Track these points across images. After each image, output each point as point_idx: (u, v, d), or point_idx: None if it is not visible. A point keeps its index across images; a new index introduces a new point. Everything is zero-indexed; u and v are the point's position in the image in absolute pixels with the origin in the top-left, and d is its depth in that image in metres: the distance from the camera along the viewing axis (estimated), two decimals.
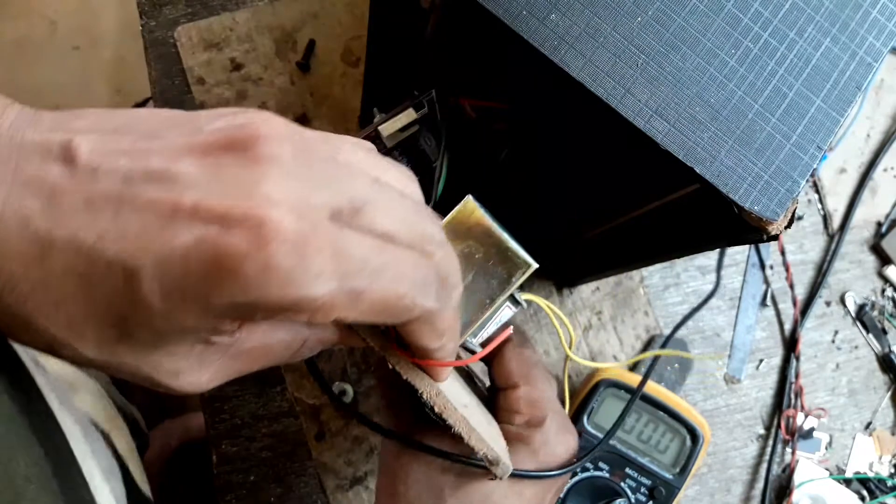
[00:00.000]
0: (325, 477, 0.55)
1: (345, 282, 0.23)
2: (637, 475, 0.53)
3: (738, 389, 0.61)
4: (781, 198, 0.30)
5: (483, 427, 0.35)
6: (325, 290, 0.23)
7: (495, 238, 0.35)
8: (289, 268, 0.22)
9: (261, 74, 0.59)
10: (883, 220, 0.64)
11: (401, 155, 0.39)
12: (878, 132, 0.65)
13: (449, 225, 0.35)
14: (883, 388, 0.62)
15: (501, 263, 0.35)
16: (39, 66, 1.38)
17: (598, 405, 0.54)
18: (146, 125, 0.24)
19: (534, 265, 0.36)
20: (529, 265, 0.36)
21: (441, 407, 0.32)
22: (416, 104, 0.37)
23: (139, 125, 0.24)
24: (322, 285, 0.22)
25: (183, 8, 0.59)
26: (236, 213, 0.21)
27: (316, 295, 0.22)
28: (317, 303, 0.23)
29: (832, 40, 0.31)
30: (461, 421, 0.32)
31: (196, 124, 0.24)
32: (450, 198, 0.37)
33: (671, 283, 0.61)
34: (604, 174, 0.38)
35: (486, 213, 0.35)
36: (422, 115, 0.37)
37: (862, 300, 0.63)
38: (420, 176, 0.39)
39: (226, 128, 0.23)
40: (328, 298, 0.23)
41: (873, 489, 0.59)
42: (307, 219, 0.22)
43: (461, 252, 0.35)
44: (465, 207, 0.35)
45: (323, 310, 0.23)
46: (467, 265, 0.35)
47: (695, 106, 0.30)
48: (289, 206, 0.22)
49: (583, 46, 0.29)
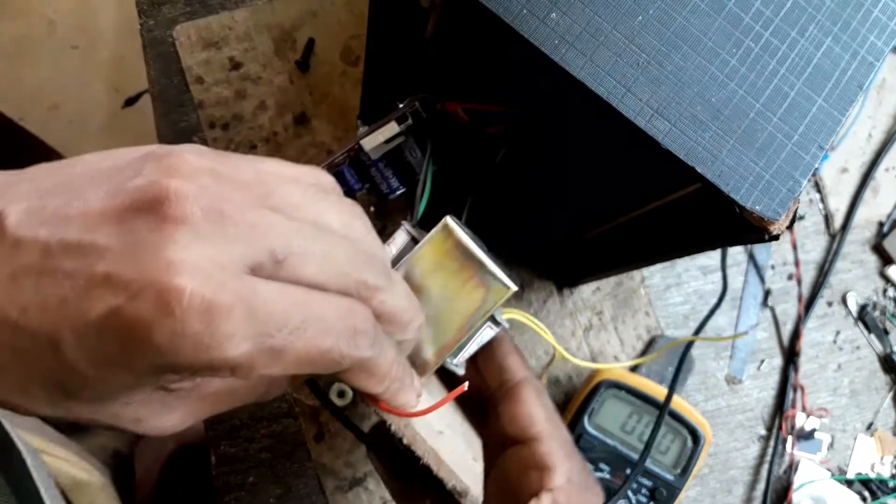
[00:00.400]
0: (324, 478, 0.55)
1: (261, 341, 0.23)
2: (638, 476, 0.53)
3: (740, 390, 0.60)
4: (783, 198, 0.30)
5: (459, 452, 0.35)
6: (239, 351, 0.23)
7: (474, 260, 0.34)
8: (196, 332, 0.22)
9: (260, 73, 0.58)
10: (885, 219, 0.64)
11: (386, 166, 0.38)
12: (880, 132, 0.65)
13: (427, 247, 0.34)
14: (885, 388, 0.62)
15: (480, 286, 0.35)
16: (38, 65, 1.38)
17: (598, 406, 0.54)
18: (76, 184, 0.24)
19: (512, 288, 0.35)
20: (508, 288, 0.35)
21: (410, 439, 0.31)
22: (399, 117, 0.36)
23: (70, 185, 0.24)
24: (234, 347, 0.22)
25: (182, 7, 0.59)
26: (142, 281, 0.22)
27: (228, 357, 0.22)
28: (231, 363, 0.23)
29: (834, 39, 0.31)
30: (429, 452, 0.32)
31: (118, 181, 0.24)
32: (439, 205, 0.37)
33: (672, 284, 0.61)
34: (604, 174, 0.38)
35: (464, 235, 0.34)
36: (405, 127, 0.37)
37: (864, 300, 0.63)
38: (406, 186, 0.39)
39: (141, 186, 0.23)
40: (244, 359, 0.23)
41: (875, 490, 0.59)
42: (215, 280, 0.22)
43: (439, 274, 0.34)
44: (443, 230, 0.34)
45: (241, 369, 0.23)
46: (445, 287, 0.35)
47: (696, 105, 0.29)
48: (193, 269, 0.22)
49: (583, 45, 0.29)
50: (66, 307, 0.22)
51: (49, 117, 1.37)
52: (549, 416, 0.41)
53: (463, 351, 0.36)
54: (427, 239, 0.34)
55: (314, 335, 0.24)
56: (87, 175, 0.25)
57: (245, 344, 0.23)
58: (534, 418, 0.41)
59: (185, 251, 0.22)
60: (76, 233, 0.23)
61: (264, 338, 0.23)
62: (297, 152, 0.58)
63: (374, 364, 0.27)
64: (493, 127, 0.37)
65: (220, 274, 0.22)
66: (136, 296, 0.22)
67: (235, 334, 0.22)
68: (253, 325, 0.23)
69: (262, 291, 0.23)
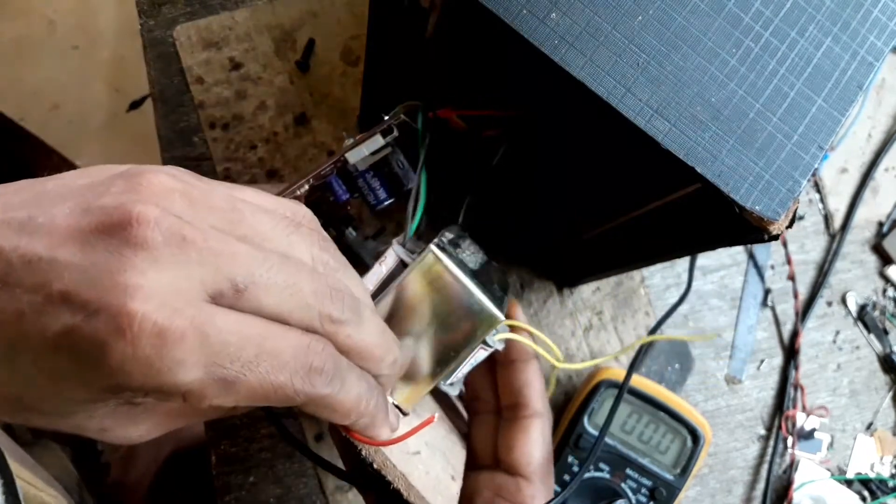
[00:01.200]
0: (324, 478, 0.55)
1: (213, 370, 0.23)
2: (638, 476, 0.53)
3: (739, 390, 0.61)
4: (783, 198, 0.30)
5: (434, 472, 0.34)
6: (189, 378, 0.23)
7: (460, 290, 0.34)
8: (146, 356, 0.22)
9: (260, 73, 0.58)
10: (884, 219, 0.64)
11: (373, 177, 0.38)
12: (880, 132, 0.65)
13: (413, 275, 0.34)
14: (884, 388, 0.62)
15: (466, 317, 0.34)
16: (39, 65, 1.38)
17: (598, 406, 0.54)
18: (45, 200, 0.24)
19: (501, 318, 0.34)
20: (495, 318, 0.34)
21: (379, 464, 0.31)
22: (384, 130, 0.36)
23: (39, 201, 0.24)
24: (184, 374, 0.23)
25: (182, 7, 0.59)
26: (98, 302, 0.22)
27: (177, 383, 0.23)
28: (181, 390, 0.23)
29: (833, 40, 0.31)
30: (399, 478, 0.32)
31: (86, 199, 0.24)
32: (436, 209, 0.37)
33: (672, 284, 0.61)
34: (604, 174, 0.38)
35: (450, 262, 0.34)
36: (391, 139, 0.37)
37: (863, 300, 0.63)
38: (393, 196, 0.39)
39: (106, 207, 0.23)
40: (194, 387, 0.23)
41: (874, 490, 0.59)
42: (169, 306, 0.22)
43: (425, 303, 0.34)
44: (427, 259, 0.34)
45: (192, 396, 0.23)
46: (433, 316, 0.34)
47: (696, 105, 0.29)
48: (148, 294, 0.22)
49: (583, 45, 0.29)
50: (23, 322, 0.22)
51: (49, 117, 1.37)
52: (547, 460, 0.41)
53: (457, 372, 0.36)
54: (412, 267, 0.34)
55: (268, 370, 0.24)
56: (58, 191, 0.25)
57: (195, 371, 0.23)
58: (533, 457, 0.40)
59: (141, 276, 0.22)
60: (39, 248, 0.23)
61: (216, 368, 0.23)
62: (298, 152, 0.58)
63: (333, 401, 0.27)
64: (491, 130, 0.37)
65: (175, 300, 0.23)
66: (91, 316, 0.22)
67: (185, 361, 0.23)
68: (205, 354, 0.23)
69: (219, 321, 0.23)
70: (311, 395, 0.26)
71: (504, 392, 0.43)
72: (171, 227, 0.23)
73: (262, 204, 0.27)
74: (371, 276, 0.34)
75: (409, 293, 0.34)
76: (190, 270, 0.23)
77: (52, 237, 0.23)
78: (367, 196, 0.39)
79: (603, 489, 0.53)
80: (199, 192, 0.25)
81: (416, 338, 0.34)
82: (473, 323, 0.34)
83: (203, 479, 0.55)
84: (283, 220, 0.27)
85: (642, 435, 0.54)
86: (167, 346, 0.22)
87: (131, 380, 0.22)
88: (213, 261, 0.24)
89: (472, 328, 0.34)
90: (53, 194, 0.25)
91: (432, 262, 0.34)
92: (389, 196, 0.38)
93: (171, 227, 0.23)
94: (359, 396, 0.28)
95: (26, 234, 0.23)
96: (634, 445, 0.54)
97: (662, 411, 0.54)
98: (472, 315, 0.34)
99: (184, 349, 0.22)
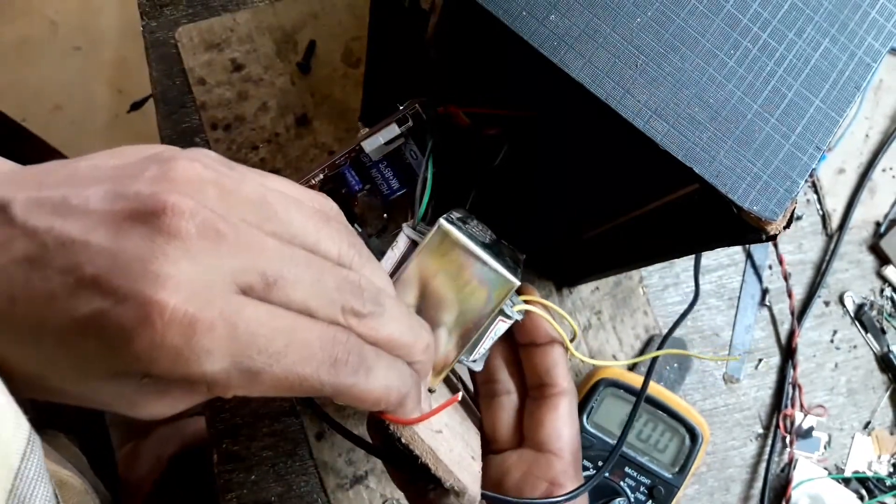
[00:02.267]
0: (325, 476, 0.55)
1: (239, 361, 0.23)
2: (636, 474, 0.54)
3: (737, 389, 0.61)
4: (780, 198, 0.30)
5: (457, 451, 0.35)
6: (215, 368, 0.23)
7: (473, 258, 0.34)
8: (174, 346, 0.22)
9: (261, 75, 0.59)
10: (882, 220, 0.64)
11: (387, 167, 0.39)
12: (877, 132, 0.66)
13: (424, 251, 0.34)
14: (881, 387, 0.62)
15: (482, 284, 0.35)
16: (41, 66, 1.39)
17: (597, 405, 0.54)
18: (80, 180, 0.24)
19: (515, 283, 0.35)
20: (511, 283, 0.35)
21: (408, 438, 0.32)
22: (399, 119, 0.37)
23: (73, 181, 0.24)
24: (211, 364, 0.23)
25: (184, 9, 0.59)
26: (128, 289, 0.22)
27: (204, 373, 0.23)
28: (206, 379, 0.23)
29: (831, 41, 0.31)
30: (427, 452, 0.32)
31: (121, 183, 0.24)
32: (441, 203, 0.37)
33: (670, 283, 0.61)
34: (603, 174, 0.38)
35: (461, 234, 0.34)
36: (405, 129, 0.37)
37: (861, 300, 0.63)
38: (407, 187, 0.39)
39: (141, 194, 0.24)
40: (220, 377, 0.23)
41: (872, 488, 0.59)
42: (200, 297, 0.23)
43: (440, 276, 0.35)
44: (438, 232, 0.34)
45: (217, 386, 0.24)
46: (449, 288, 0.35)
47: (694, 106, 0.30)
48: (179, 284, 0.22)
49: (582, 47, 0.29)
50: (53, 303, 0.22)
51: (52, 118, 1.37)
52: (576, 436, 0.41)
53: (478, 347, 0.37)
54: (423, 244, 0.34)
55: (294, 361, 0.25)
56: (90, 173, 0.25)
57: (222, 362, 0.23)
58: (562, 433, 0.41)
59: (173, 266, 0.23)
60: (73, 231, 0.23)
61: (243, 359, 0.23)
62: (299, 153, 0.58)
63: (359, 391, 0.27)
64: (492, 129, 0.38)
65: (206, 291, 0.23)
66: (120, 302, 0.22)
67: (213, 351, 0.23)
68: (233, 345, 0.23)
69: (248, 312, 0.24)
70: (336, 385, 0.26)
71: (531, 373, 0.43)
72: (205, 220, 0.24)
73: (292, 194, 0.28)
74: (384, 262, 0.35)
75: (424, 269, 0.34)
76: (221, 263, 0.24)
77: (86, 220, 0.23)
78: (381, 186, 0.39)
79: (602, 487, 0.53)
80: (231, 183, 0.25)
81: (435, 315, 0.35)
82: (489, 291, 0.35)
83: (206, 478, 0.56)
84: (313, 214, 0.27)
85: (641, 433, 0.54)
86: (196, 336, 0.22)
87: (157, 367, 0.22)
88: (245, 255, 0.24)
89: (488, 296, 0.35)
90: (86, 175, 0.25)
91: (443, 236, 0.34)
92: (402, 186, 0.39)
93: (205, 220, 0.24)
94: (387, 386, 0.28)
95: (60, 215, 0.23)
96: (633, 444, 0.54)
97: (661, 410, 0.54)
98: (488, 283, 0.35)
99: (212, 339, 0.23)
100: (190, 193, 0.24)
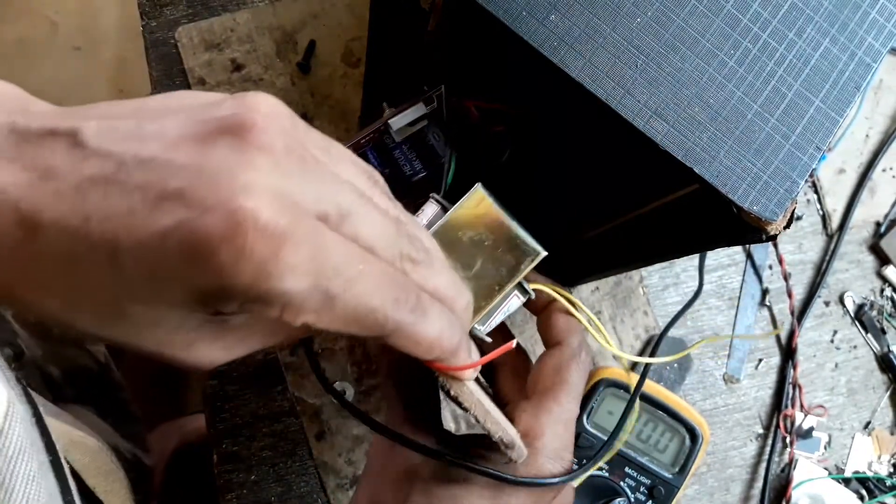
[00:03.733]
0: (325, 476, 0.55)
1: (319, 282, 0.23)
2: (636, 474, 0.54)
3: (737, 389, 0.61)
4: (780, 198, 0.30)
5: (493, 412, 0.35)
6: (298, 286, 0.22)
7: (504, 226, 0.36)
8: (262, 257, 0.21)
9: (261, 75, 0.59)
10: (882, 220, 0.64)
11: (410, 149, 0.39)
12: (877, 132, 0.66)
13: (458, 213, 0.36)
14: (882, 387, 0.62)
15: (510, 251, 0.36)
16: (41, 66, 1.39)
17: (597, 405, 0.54)
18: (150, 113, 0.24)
19: (542, 253, 0.36)
20: (538, 253, 0.36)
21: (457, 391, 0.32)
22: (426, 98, 0.37)
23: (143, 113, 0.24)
24: (295, 281, 0.22)
25: (184, 8, 0.59)
26: (216, 198, 0.21)
27: (286, 289, 0.22)
28: (286, 297, 0.23)
29: (831, 41, 0.31)
30: (476, 404, 0.32)
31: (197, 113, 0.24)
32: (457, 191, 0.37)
33: (670, 283, 0.61)
34: (603, 175, 0.38)
35: (494, 202, 0.36)
36: (431, 109, 0.38)
37: (861, 300, 0.63)
38: (428, 170, 0.39)
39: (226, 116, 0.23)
40: (299, 296, 0.23)
41: (872, 488, 0.59)
42: (289, 212, 0.22)
43: (470, 239, 0.36)
44: (474, 195, 0.36)
45: (292, 307, 0.23)
46: (476, 252, 0.36)
47: (694, 106, 0.30)
48: (271, 196, 0.22)
49: (582, 47, 0.29)
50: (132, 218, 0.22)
51: None
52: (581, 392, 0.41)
53: (491, 319, 0.37)
54: (459, 204, 0.36)
55: (366, 291, 0.24)
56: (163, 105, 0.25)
57: (304, 281, 0.22)
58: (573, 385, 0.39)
59: (266, 177, 0.22)
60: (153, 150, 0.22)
61: (323, 280, 0.23)
62: None
63: (417, 330, 0.27)
64: (498, 126, 0.38)
65: (294, 207, 0.22)
66: (206, 212, 0.21)
67: (298, 268, 0.22)
68: (314, 265, 0.23)
69: (329, 236, 0.24)
70: (399, 321, 0.26)
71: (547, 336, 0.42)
72: (291, 142, 0.24)
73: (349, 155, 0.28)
74: None
75: (455, 231, 0.36)
76: (305, 186, 0.23)
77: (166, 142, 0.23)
78: (403, 167, 0.39)
79: (602, 487, 0.53)
80: (303, 124, 0.26)
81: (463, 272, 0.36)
82: (518, 256, 0.36)
83: (206, 478, 0.56)
84: (366, 174, 0.28)
85: (641, 433, 0.54)
86: (284, 249, 0.22)
87: (239, 280, 0.22)
88: (322, 184, 0.24)
89: (516, 262, 0.36)
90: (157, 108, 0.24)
91: (480, 199, 0.36)
92: (424, 168, 0.39)
93: (291, 142, 0.24)
94: (441, 330, 0.28)
95: (136, 139, 0.23)
96: (633, 444, 0.54)
97: (661, 410, 0.55)
98: (516, 248, 0.36)
99: (298, 256, 0.22)
100: (272, 118, 0.24)
